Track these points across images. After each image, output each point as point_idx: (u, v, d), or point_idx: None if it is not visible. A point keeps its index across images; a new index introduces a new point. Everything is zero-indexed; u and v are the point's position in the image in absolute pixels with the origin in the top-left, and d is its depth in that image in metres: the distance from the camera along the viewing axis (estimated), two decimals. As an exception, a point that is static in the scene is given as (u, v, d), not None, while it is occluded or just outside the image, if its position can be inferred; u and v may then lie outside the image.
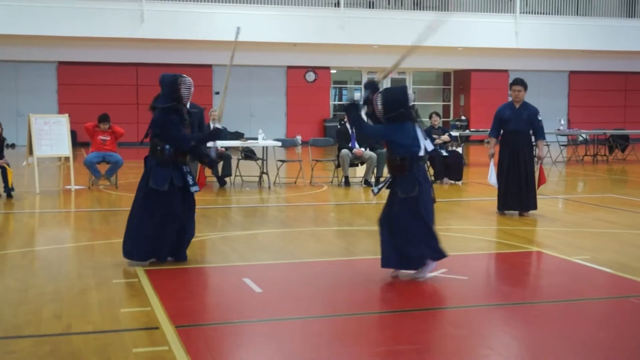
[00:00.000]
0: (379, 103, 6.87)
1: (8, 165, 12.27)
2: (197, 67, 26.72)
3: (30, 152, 13.38)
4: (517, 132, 10.57)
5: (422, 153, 6.90)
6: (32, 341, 5.07)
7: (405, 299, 6.23)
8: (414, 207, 6.76)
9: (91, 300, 6.06)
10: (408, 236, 6.74)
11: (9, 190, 12.18)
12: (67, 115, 14.34)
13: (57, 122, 13.87)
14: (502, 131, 10.76)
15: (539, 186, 10.71)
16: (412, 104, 7.05)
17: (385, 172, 14.28)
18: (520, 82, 10.70)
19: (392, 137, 6.86)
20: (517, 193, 10.55)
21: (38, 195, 12.62)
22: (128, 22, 24.13)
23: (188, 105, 10.12)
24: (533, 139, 10.68)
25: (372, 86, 7.09)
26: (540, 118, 10.65)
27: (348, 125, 14.03)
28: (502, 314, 5.92)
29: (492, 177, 10.64)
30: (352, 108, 7.04)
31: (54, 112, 24.26)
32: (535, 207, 10.63)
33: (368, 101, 7.02)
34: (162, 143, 7.23)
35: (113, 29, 24.01)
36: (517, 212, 10.63)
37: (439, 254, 6.86)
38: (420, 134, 6.96)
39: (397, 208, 6.79)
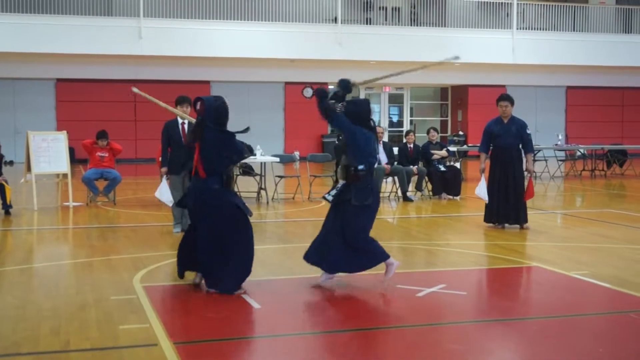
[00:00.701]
0: (342, 112, 7.05)
1: (6, 182, 12.28)
2: (195, 83, 26.81)
3: (29, 169, 13.40)
4: (506, 147, 10.65)
5: (376, 165, 7.16)
6: (31, 358, 5.06)
7: (404, 314, 6.23)
8: (365, 216, 7.00)
9: (89, 317, 6.05)
10: (359, 242, 7.00)
11: (7, 207, 12.18)
12: (65, 132, 14.36)
13: (55, 139, 13.89)
14: (491, 146, 10.82)
15: (526, 199, 10.74)
16: (372, 117, 7.21)
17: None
18: (506, 98, 10.80)
19: (356, 139, 6.98)
20: (509, 207, 10.60)
21: (36, 212, 12.62)
22: (126, 39, 24.21)
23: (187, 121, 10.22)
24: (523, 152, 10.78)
25: (344, 85, 7.16)
26: (529, 132, 10.75)
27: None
28: (501, 330, 5.91)
29: (480, 189, 10.66)
30: (322, 94, 7.05)
31: (52, 129, 24.28)
32: (526, 220, 10.68)
33: (336, 97, 7.12)
34: (229, 169, 6.96)
35: (111, 45, 24.09)
36: (517, 226, 10.68)
37: (385, 254, 7.11)
38: (380, 148, 7.19)
39: (349, 215, 6.95)
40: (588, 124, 30.68)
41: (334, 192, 7.11)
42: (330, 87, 30.31)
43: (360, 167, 6.92)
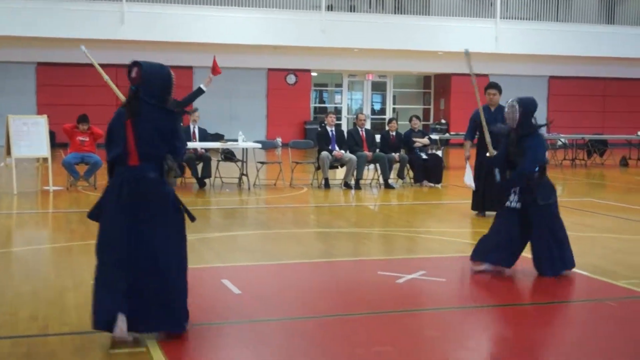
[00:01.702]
0: (516, 112, 7.11)
1: None
2: (178, 68, 26.63)
3: (9, 153, 13.31)
4: (492, 135, 10.63)
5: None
6: (9, 342, 5.04)
7: (384, 300, 6.24)
8: (556, 210, 7.07)
9: (68, 302, 6.03)
10: (561, 238, 7.05)
11: None
12: (45, 116, 14.25)
13: (35, 123, 13.80)
14: (477, 134, 10.83)
15: None
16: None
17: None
18: (494, 86, 10.81)
19: (542, 156, 7.13)
20: (493, 194, 10.61)
21: (16, 196, 12.54)
22: (108, 24, 24.05)
23: None
24: None
25: (498, 160, 7.32)
26: None
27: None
28: (479, 317, 5.94)
29: (467, 178, 10.69)
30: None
31: (32, 113, 24.07)
32: None
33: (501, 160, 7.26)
34: (170, 160, 5.22)
35: (93, 30, 23.89)
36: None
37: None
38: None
39: (542, 216, 6.94)
40: (570, 114, 30.76)
41: (513, 197, 7.01)
42: (313, 75, 30.34)
43: (536, 169, 6.99)
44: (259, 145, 15.49)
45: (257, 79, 28.52)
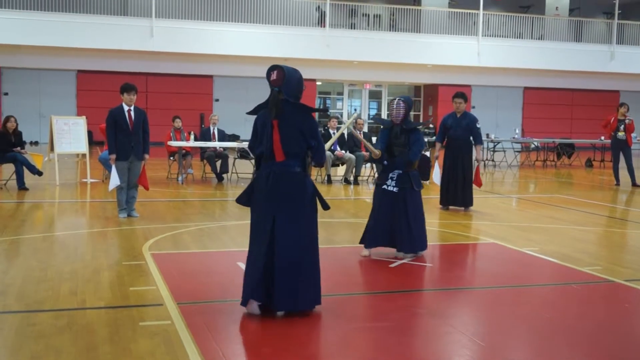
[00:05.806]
0: (401, 109, 7.09)
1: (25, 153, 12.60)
2: (199, 77, 26.71)
3: (52, 149, 13.33)
4: (457, 138, 10.67)
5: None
6: (51, 315, 5.05)
7: (379, 282, 6.25)
8: (421, 199, 7.21)
9: (103, 279, 6.04)
10: (422, 224, 7.19)
11: (38, 171, 12.52)
12: (84, 117, 14.29)
13: (75, 123, 13.83)
14: (446, 137, 10.85)
15: (479, 186, 10.87)
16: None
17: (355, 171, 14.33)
18: (460, 95, 10.81)
19: (423, 142, 7.24)
20: (457, 191, 10.64)
21: (58, 187, 12.56)
22: (139, 37, 24.07)
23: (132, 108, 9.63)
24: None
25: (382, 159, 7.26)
26: (478, 126, 10.76)
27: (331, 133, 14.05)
28: (462, 297, 5.94)
29: (436, 176, 10.70)
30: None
31: (73, 114, 24.11)
32: (471, 204, 10.71)
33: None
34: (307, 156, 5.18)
35: (126, 42, 23.94)
36: (462, 207, 10.71)
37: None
38: None
39: (415, 200, 7.08)
40: (542, 120, 30.76)
41: (391, 182, 7.08)
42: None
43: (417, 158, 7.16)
44: (270, 145, 15.45)
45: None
